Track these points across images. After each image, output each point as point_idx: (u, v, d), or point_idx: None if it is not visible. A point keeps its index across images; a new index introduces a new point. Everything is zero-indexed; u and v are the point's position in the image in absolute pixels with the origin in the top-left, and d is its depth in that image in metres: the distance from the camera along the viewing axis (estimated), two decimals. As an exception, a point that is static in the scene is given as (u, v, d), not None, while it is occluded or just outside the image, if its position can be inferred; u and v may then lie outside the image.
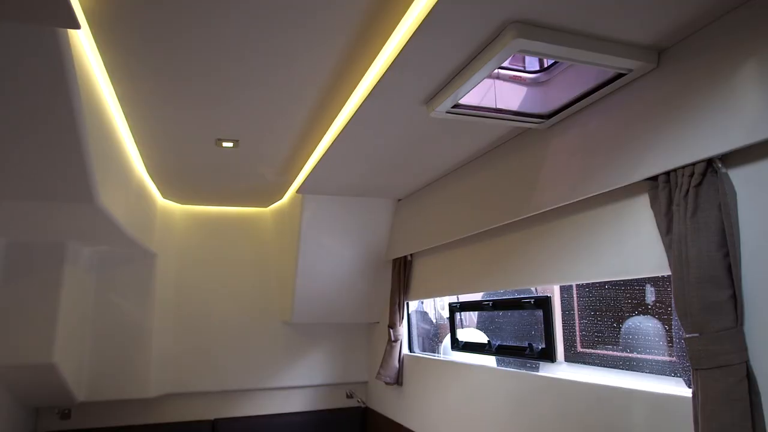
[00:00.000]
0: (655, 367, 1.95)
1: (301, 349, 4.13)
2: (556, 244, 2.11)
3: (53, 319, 2.85)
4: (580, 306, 2.36)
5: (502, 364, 2.69)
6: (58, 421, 3.59)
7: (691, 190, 1.44)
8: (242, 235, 4.04)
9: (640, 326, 2.05)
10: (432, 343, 3.73)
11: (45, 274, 2.87)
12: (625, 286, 2.09)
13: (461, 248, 2.86)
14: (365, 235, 3.53)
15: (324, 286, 3.69)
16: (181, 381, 3.79)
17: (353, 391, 4.34)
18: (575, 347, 2.36)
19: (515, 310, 2.61)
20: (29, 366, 2.81)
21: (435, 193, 3.03)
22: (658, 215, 1.57)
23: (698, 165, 1.44)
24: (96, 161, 1.91)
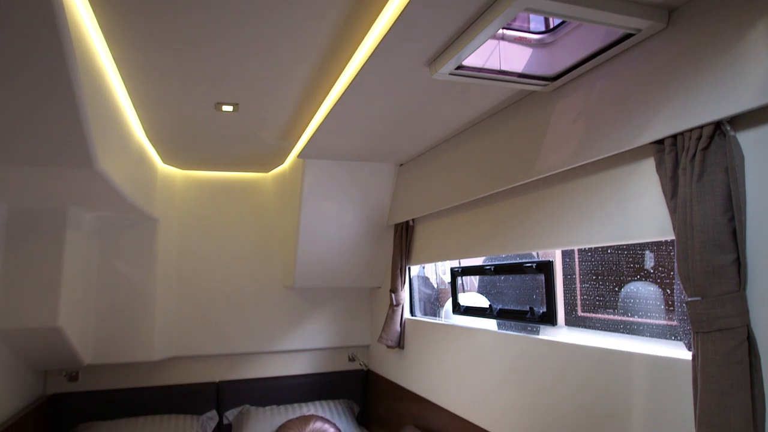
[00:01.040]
0: (656, 330, 1.96)
1: (303, 314, 4.17)
2: (559, 208, 2.10)
3: (57, 283, 2.87)
4: (581, 270, 2.37)
5: (502, 328, 2.72)
6: (66, 383, 3.67)
7: (698, 154, 1.42)
8: (243, 200, 4.03)
9: (641, 291, 2.06)
10: (433, 308, 3.76)
11: (47, 240, 2.87)
12: (627, 250, 2.09)
13: (463, 213, 2.85)
14: (367, 200, 3.52)
15: (326, 251, 3.70)
16: (185, 345, 3.85)
17: (355, 354, 4.41)
18: (576, 311, 2.37)
19: (517, 274, 2.62)
20: (36, 330, 2.85)
21: (437, 158, 3.00)
22: (663, 179, 1.55)
23: (706, 128, 1.41)
24: (94, 125, 1.88)
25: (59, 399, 3.62)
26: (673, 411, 1.59)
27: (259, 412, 3.89)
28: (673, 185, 1.51)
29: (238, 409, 3.99)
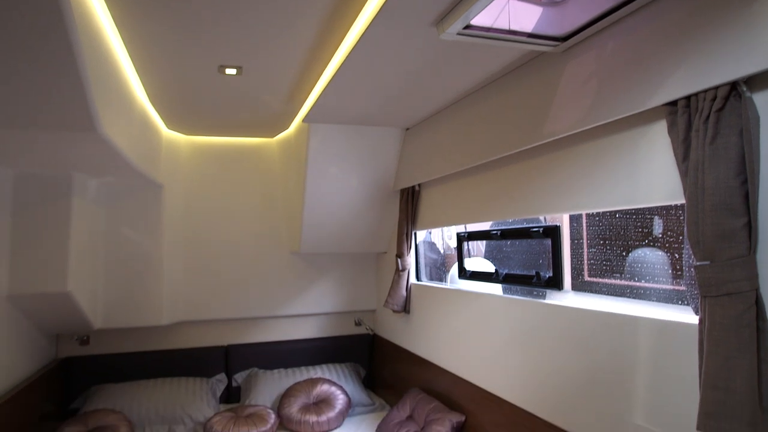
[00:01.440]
0: (663, 295, 1.96)
1: (310, 279, 4.20)
2: (567, 172, 2.08)
3: (65, 249, 2.90)
4: (589, 235, 2.35)
5: (508, 293, 2.72)
6: (77, 347, 3.73)
7: (712, 115, 1.38)
8: (249, 165, 4.01)
9: (649, 256, 2.04)
10: (439, 273, 3.77)
11: (54, 206, 2.88)
12: (636, 214, 2.07)
13: (470, 177, 2.83)
14: (373, 165, 3.50)
15: (331, 217, 3.70)
16: (193, 310, 3.89)
17: (361, 318, 4.45)
18: (582, 276, 2.37)
19: (523, 239, 2.61)
20: (46, 295, 2.89)
21: (444, 122, 2.96)
22: (675, 142, 1.52)
23: (721, 88, 1.37)
24: (95, 88, 1.86)
25: (71, 362, 3.69)
26: (678, 375, 1.60)
27: (267, 374, 3.95)
28: (685, 148, 1.48)
29: (247, 372, 4.06)
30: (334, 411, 3.56)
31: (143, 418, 3.41)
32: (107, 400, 3.46)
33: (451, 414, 2.87)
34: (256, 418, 3.39)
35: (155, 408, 3.47)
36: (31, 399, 3.03)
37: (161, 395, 3.57)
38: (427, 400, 3.12)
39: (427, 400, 3.12)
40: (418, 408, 3.13)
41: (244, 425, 3.29)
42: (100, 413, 3.26)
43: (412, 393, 3.33)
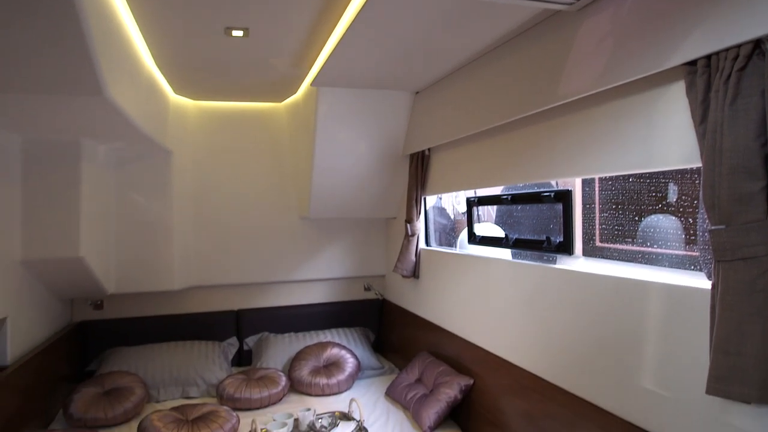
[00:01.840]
0: (676, 261, 1.94)
1: (319, 244, 4.21)
2: (580, 135, 2.04)
3: (76, 214, 2.91)
4: (601, 200, 2.32)
5: (518, 258, 2.72)
6: (91, 311, 3.80)
7: (733, 75, 1.34)
8: (257, 131, 3.98)
9: (662, 220, 2.02)
10: (449, 238, 3.77)
11: (63, 172, 2.89)
12: (650, 178, 2.03)
13: (481, 141, 2.79)
14: (382, 129, 3.46)
15: (341, 182, 3.69)
16: (204, 275, 3.93)
17: (371, 284, 4.48)
18: (594, 241, 2.35)
19: (534, 204, 2.58)
20: (59, 260, 2.92)
21: (454, 85, 2.91)
22: (693, 103, 1.48)
23: (744, 47, 1.32)
24: (100, 52, 1.83)
25: (86, 326, 3.76)
26: (688, 340, 1.59)
27: (278, 338, 4.01)
28: (704, 109, 1.44)
29: (258, 336, 4.12)
30: (344, 374, 3.61)
31: (157, 380, 3.49)
32: (122, 362, 3.53)
33: (460, 377, 2.91)
34: (267, 380, 3.45)
35: (169, 370, 3.54)
36: (49, 361, 3.10)
37: (175, 358, 3.63)
38: (435, 364, 3.16)
39: (436, 364, 3.15)
40: (427, 371, 3.17)
41: (256, 387, 3.35)
42: (116, 375, 3.34)
43: (421, 357, 3.37)
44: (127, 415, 3.09)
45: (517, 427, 2.45)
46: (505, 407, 2.55)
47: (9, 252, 2.73)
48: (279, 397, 3.41)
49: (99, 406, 3.03)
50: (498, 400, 2.62)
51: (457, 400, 2.86)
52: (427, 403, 2.92)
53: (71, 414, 2.97)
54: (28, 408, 2.76)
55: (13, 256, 2.77)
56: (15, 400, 2.62)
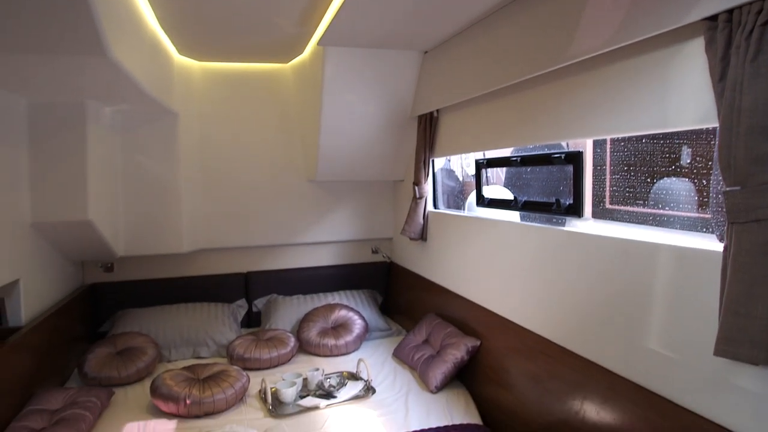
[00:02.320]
0: (688, 223, 1.92)
1: (327, 207, 4.21)
2: (593, 95, 1.99)
3: (83, 177, 2.91)
4: (612, 161, 2.29)
5: (526, 221, 2.70)
6: (102, 273, 3.85)
7: (755, 30, 1.29)
8: (263, 92, 3.93)
9: (674, 182, 1.99)
10: (457, 201, 3.75)
11: (69, 134, 2.87)
12: (663, 139, 1.99)
13: (491, 102, 2.74)
14: (390, 90, 3.40)
15: (348, 144, 3.65)
16: (213, 237, 3.95)
17: (378, 246, 4.49)
18: (603, 203, 2.33)
19: (544, 166, 2.55)
20: (68, 223, 2.94)
21: (464, 44, 2.84)
22: (712, 60, 1.43)
23: (768, -1, 1.27)
24: (102, 10, 1.79)
25: (98, 288, 3.81)
26: (697, 302, 1.58)
27: (286, 300, 4.05)
28: (723, 66, 1.40)
29: (266, 298, 4.17)
30: (352, 335, 3.66)
31: (168, 341, 3.55)
32: (134, 323, 3.59)
33: (467, 338, 2.94)
34: (276, 341, 3.50)
35: (180, 331, 3.60)
36: (62, 322, 3.15)
37: (185, 319, 3.69)
38: (443, 326, 3.18)
39: (443, 325, 3.18)
40: (434, 333, 3.21)
41: (265, 348, 3.41)
42: (128, 336, 3.40)
43: (428, 318, 3.40)
44: (140, 374, 3.16)
45: (523, 387, 2.48)
46: (511, 368, 2.58)
47: (19, 215, 2.75)
48: (288, 358, 3.47)
49: (112, 365, 3.09)
50: (504, 361, 2.64)
51: (464, 361, 2.89)
52: (434, 363, 2.96)
53: (86, 373, 3.04)
54: (44, 367, 2.82)
55: (24, 218, 2.79)
56: (31, 359, 2.68)
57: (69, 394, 2.67)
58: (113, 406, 2.82)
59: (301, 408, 2.79)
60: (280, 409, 2.79)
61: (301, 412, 2.75)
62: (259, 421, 2.67)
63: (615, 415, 1.88)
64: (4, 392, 2.41)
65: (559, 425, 2.19)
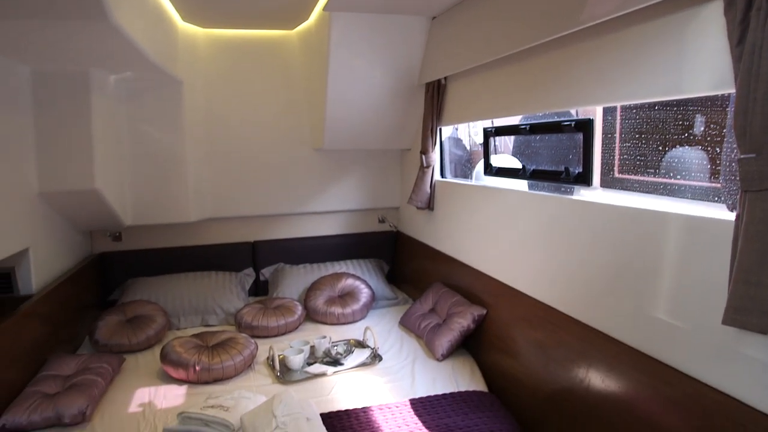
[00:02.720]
0: (697, 192, 1.89)
1: (333, 176, 4.19)
2: (605, 61, 1.94)
3: (89, 146, 2.91)
4: (622, 129, 2.25)
5: (534, 190, 2.67)
6: (110, 243, 3.87)
7: (777, -10, 1.24)
8: (269, 60, 3.87)
9: (686, 151, 1.95)
10: (464, 170, 3.72)
11: (73, 103, 2.86)
12: (677, 106, 1.95)
13: (500, 69, 2.68)
14: (398, 57, 3.34)
15: (355, 112, 3.61)
16: (219, 206, 3.95)
17: (385, 216, 4.48)
18: (612, 173, 2.30)
19: (553, 134, 2.51)
20: (75, 192, 2.94)
21: (473, 9, 2.77)
22: (731, 23, 1.38)
23: (792, -42, 1.22)
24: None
25: (107, 257, 3.84)
26: (706, 272, 1.57)
27: (293, 269, 4.07)
28: (742, 29, 1.35)
29: (274, 266, 4.19)
30: (359, 304, 3.68)
31: (177, 309, 3.59)
32: (143, 292, 3.62)
33: (473, 307, 2.95)
34: (283, 309, 3.53)
35: (188, 299, 3.64)
36: (72, 290, 3.19)
37: (193, 288, 3.72)
38: (449, 294, 3.20)
39: (450, 294, 3.19)
40: (441, 301, 3.22)
41: (273, 316, 3.44)
42: (137, 304, 3.43)
43: (434, 287, 3.41)
44: (150, 342, 3.20)
45: (528, 355, 2.49)
46: (517, 337, 2.59)
47: (27, 184, 2.75)
48: (295, 326, 3.50)
49: (123, 332, 3.13)
50: (510, 329, 2.66)
51: (470, 330, 2.91)
52: (440, 332, 2.98)
53: (97, 340, 3.09)
54: (56, 334, 2.86)
55: (31, 188, 2.79)
56: (43, 326, 2.72)
57: (81, 360, 2.72)
58: (124, 372, 2.87)
59: (308, 375, 2.82)
60: (287, 375, 2.83)
61: (308, 379, 2.79)
62: (268, 387, 2.71)
63: (620, 383, 1.89)
64: (18, 358, 2.45)
65: (563, 393, 2.21)
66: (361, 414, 2.40)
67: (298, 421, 2.08)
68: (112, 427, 2.34)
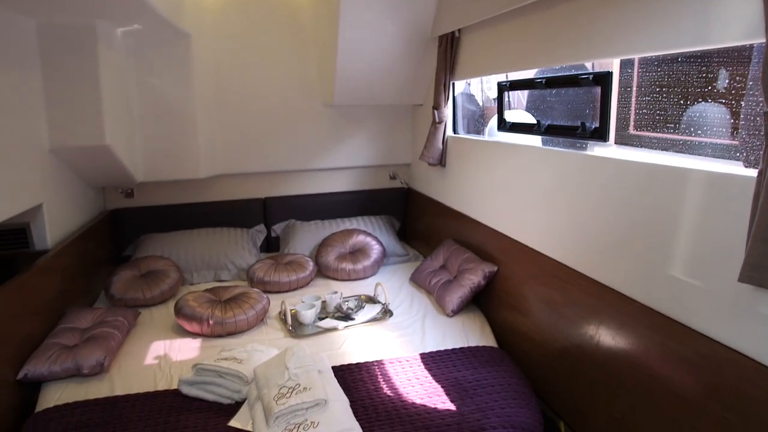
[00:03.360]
0: (714, 150, 1.84)
1: (344, 132, 4.15)
2: (626, 10, 1.86)
3: (98, 101, 2.88)
4: (639, 83, 2.18)
5: (548, 146, 2.62)
6: (123, 199, 3.90)
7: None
8: (278, 12, 3.78)
9: (706, 107, 1.89)
10: (477, 125, 3.66)
11: (80, 57, 2.81)
12: (701, 58, 1.87)
13: (515, 21, 2.59)
14: (410, 9, 3.24)
15: (366, 67, 3.53)
16: (230, 163, 3.94)
17: (396, 172, 4.45)
18: (627, 129, 2.24)
19: (570, 87, 2.44)
20: (86, 148, 2.93)
21: (488, -44, 2.66)
22: (763, -33, 1.31)
23: None
24: None
25: (119, 214, 3.87)
26: (723, 229, 1.54)
27: (304, 226, 4.08)
28: (774, -26, 1.28)
29: (285, 223, 4.20)
30: (370, 260, 3.70)
31: (190, 264, 3.63)
32: (156, 247, 3.66)
33: (484, 264, 2.95)
34: (295, 265, 3.56)
35: (201, 255, 3.67)
36: (87, 246, 3.22)
37: (206, 244, 3.75)
38: (460, 251, 3.19)
39: (461, 251, 3.19)
40: (452, 258, 3.22)
41: (284, 271, 3.47)
42: (151, 259, 3.47)
43: (445, 244, 3.41)
44: (164, 296, 3.25)
45: (538, 312, 2.50)
46: (527, 294, 2.60)
47: (38, 140, 2.75)
48: (307, 281, 3.53)
49: (137, 287, 3.18)
50: (521, 286, 2.66)
51: (481, 286, 2.92)
52: (450, 288, 2.99)
53: (112, 294, 3.14)
54: (72, 288, 2.92)
55: (42, 144, 2.79)
56: (60, 280, 2.76)
57: (98, 313, 2.77)
58: (140, 325, 2.93)
59: (320, 329, 2.86)
60: (299, 330, 2.87)
61: (319, 333, 2.83)
62: (280, 341, 2.75)
63: (630, 340, 1.89)
64: (37, 311, 2.51)
65: (573, 349, 2.23)
66: (372, 367, 2.44)
67: (310, 373, 2.12)
68: (130, 378, 2.40)
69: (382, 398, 2.21)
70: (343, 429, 1.93)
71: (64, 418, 2.08)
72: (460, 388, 2.27)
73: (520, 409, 2.14)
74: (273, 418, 1.93)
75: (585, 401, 2.17)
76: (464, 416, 2.07)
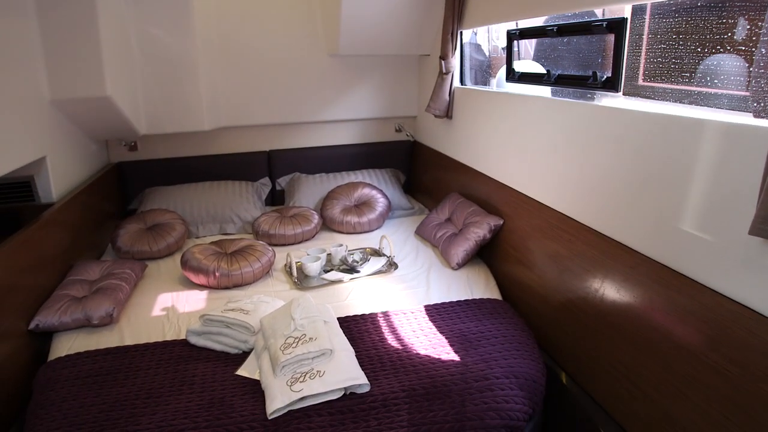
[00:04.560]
0: (728, 101, 1.79)
1: (349, 83, 4.07)
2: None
3: (98, 51, 2.81)
4: (653, 31, 2.10)
5: (557, 96, 2.56)
6: (126, 152, 3.87)
7: None
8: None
9: (719, 59, 1.82)
10: (485, 76, 3.57)
11: (77, 5, 2.73)
12: (717, 8, 1.79)
13: (526, -35, 2.49)
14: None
15: (371, 14, 3.42)
16: (234, 114, 3.89)
17: (402, 125, 4.39)
18: (636, 80, 2.18)
19: (581, 35, 2.36)
20: (87, 99, 2.89)
21: None
22: None
23: None
24: None
25: (123, 167, 3.86)
26: (736, 182, 1.51)
27: (309, 179, 4.06)
28: None
29: (290, 176, 4.18)
30: (375, 213, 3.69)
31: (195, 217, 3.63)
32: (161, 201, 3.66)
33: (490, 217, 2.93)
34: (300, 218, 3.56)
35: (206, 208, 3.67)
36: (92, 199, 3.23)
37: (210, 197, 3.75)
38: (466, 204, 3.18)
39: (466, 204, 3.17)
40: (457, 211, 3.21)
41: (290, 224, 3.47)
42: (156, 212, 3.48)
43: (451, 197, 3.39)
44: (170, 249, 3.27)
45: (543, 265, 2.50)
46: (533, 247, 2.59)
47: (38, 92, 2.70)
48: (312, 234, 3.54)
49: (143, 240, 3.20)
50: (526, 240, 2.65)
51: (486, 240, 2.91)
52: (456, 241, 2.99)
53: (119, 247, 3.16)
54: (79, 241, 2.93)
55: (43, 96, 2.75)
56: (66, 233, 2.77)
57: (105, 266, 2.80)
58: (147, 277, 2.96)
59: (325, 282, 2.89)
60: (305, 282, 2.90)
61: (325, 286, 2.86)
62: (286, 293, 2.78)
63: (635, 293, 1.90)
64: (45, 263, 2.53)
65: (577, 302, 2.24)
66: (377, 318, 2.47)
67: (315, 324, 2.15)
68: (138, 328, 2.44)
69: (387, 349, 2.24)
70: (349, 378, 1.97)
71: (76, 366, 2.13)
72: (464, 339, 2.29)
73: (524, 360, 2.17)
74: (279, 367, 1.97)
75: (588, 353, 2.19)
76: (468, 367, 2.10)
